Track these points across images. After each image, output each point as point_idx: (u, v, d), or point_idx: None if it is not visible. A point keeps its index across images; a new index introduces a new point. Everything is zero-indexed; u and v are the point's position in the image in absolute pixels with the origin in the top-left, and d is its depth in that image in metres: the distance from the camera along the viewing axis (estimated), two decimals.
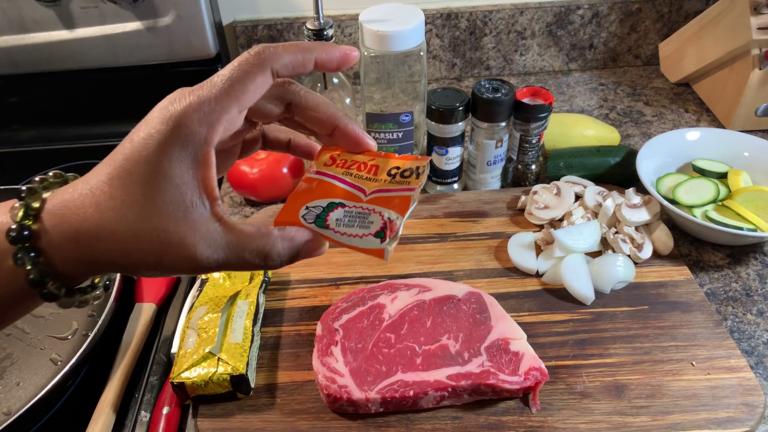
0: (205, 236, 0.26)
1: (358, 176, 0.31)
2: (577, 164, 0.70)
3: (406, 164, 0.31)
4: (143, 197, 0.25)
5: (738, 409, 0.47)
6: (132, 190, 0.25)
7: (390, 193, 0.29)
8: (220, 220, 0.27)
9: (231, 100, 0.27)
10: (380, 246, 0.28)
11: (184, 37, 0.79)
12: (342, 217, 0.29)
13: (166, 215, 0.25)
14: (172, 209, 0.25)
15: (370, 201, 0.29)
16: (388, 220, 0.28)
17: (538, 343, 0.52)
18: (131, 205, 0.25)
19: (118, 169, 0.26)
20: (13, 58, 0.80)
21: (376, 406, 0.48)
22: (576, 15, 0.90)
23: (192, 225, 0.26)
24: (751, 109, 0.78)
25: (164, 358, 0.55)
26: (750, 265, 0.62)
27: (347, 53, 0.30)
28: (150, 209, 0.25)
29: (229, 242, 0.27)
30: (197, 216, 0.26)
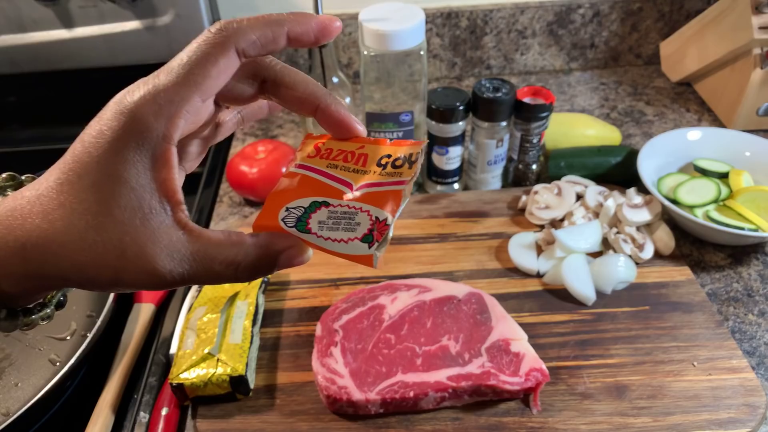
0: (167, 246, 0.23)
1: (345, 168, 0.27)
2: (578, 164, 0.70)
3: (399, 152, 0.27)
4: (96, 204, 0.22)
5: (739, 410, 0.47)
6: (83, 197, 0.22)
7: (380, 187, 0.26)
8: (184, 227, 0.23)
9: (191, 88, 0.23)
10: (368, 252, 0.24)
11: (183, 37, 0.79)
12: (325, 219, 0.25)
13: (121, 224, 0.22)
14: (129, 217, 0.22)
15: (358, 198, 0.26)
16: (376, 220, 0.25)
17: (538, 344, 0.52)
18: (82, 213, 0.22)
19: (67, 172, 0.23)
20: (12, 58, 0.80)
21: (376, 407, 0.48)
22: (577, 14, 0.90)
23: (151, 234, 0.22)
24: (752, 108, 0.78)
25: (163, 359, 0.55)
26: (751, 266, 0.62)
27: (326, 23, 0.25)
28: (104, 217, 0.22)
29: (195, 252, 0.23)
30: (157, 224, 0.22)
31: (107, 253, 0.22)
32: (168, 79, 0.23)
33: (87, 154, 0.23)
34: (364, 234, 0.25)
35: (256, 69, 0.27)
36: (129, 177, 0.22)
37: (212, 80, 0.24)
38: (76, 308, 0.60)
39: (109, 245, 0.22)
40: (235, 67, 0.25)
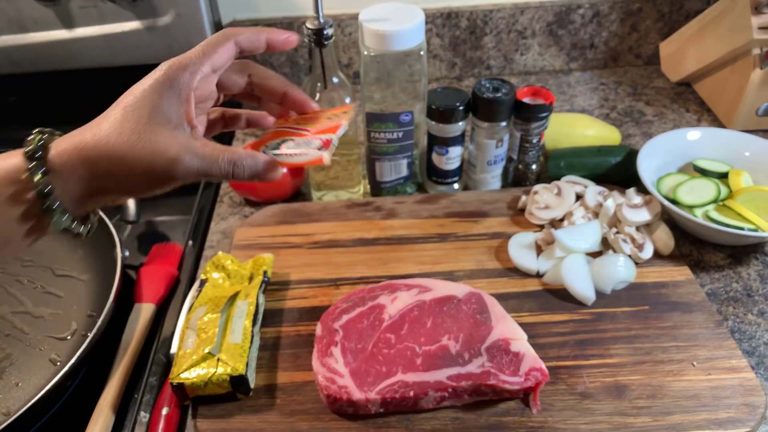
0: (188, 149, 0.33)
1: (303, 123, 0.41)
2: (578, 164, 0.70)
3: (338, 111, 0.42)
4: (139, 122, 0.32)
5: (739, 410, 0.47)
6: (131, 117, 0.33)
7: (326, 126, 0.39)
8: (198, 139, 0.35)
9: (206, 57, 0.36)
10: (319, 154, 0.37)
11: (183, 37, 0.79)
12: (292, 146, 0.38)
13: (157, 133, 0.32)
14: (162, 128, 0.33)
15: (312, 133, 0.39)
16: (326, 139, 0.38)
17: (538, 344, 0.52)
18: (131, 128, 0.32)
19: (125, 103, 0.34)
20: (12, 58, 0.80)
21: (376, 407, 0.48)
22: (577, 14, 0.90)
23: (177, 140, 0.33)
24: (752, 108, 0.78)
25: (163, 359, 0.55)
26: (751, 266, 0.62)
27: (288, 38, 0.39)
28: (144, 129, 0.32)
29: (206, 153, 0.34)
30: (180, 135, 0.34)
31: (144, 150, 0.32)
32: (192, 53, 0.36)
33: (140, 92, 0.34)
34: (318, 147, 0.38)
35: (245, 67, 0.41)
36: (164, 105, 0.33)
37: (219, 55, 0.37)
38: (77, 308, 0.61)
39: (147, 144, 0.32)
40: (233, 51, 0.37)
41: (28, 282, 0.63)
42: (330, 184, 0.71)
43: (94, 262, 0.64)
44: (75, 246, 0.66)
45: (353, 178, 0.71)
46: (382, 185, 0.71)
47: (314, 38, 0.58)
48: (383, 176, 0.70)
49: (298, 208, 0.69)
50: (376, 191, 0.72)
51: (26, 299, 0.62)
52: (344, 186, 0.72)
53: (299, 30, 0.89)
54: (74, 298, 0.62)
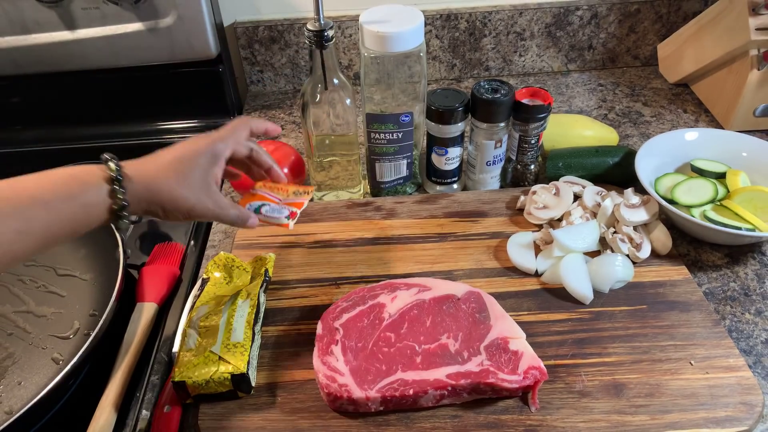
0: (215, 201, 0.48)
1: (276, 192, 0.56)
2: (576, 164, 0.71)
3: (301, 189, 0.57)
4: (193, 180, 0.47)
5: (736, 408, 0.48)
6: (182, 170, 0.46)
7: (293, 201, 0.55)
8: (219, 194, 0.49)
9: (234, 137, 0.51)
10: (286, 222, 0.53)
11: (185, 38, 0.80)
12: (268, 209, 0.53)
13: (201, 190, 0.47)
14: (204, 186, 0.47)
15: (283, 203, 0.55)
16: (292, 211, 0.54)
17: (537, 343, 0.52)
18: (188, 184, 0.46)
19: (176, 157, 0.47)
20: (15, 59, 0.81)
21: (376, 405, 0.48)
22: (575, 16, 0.91)
23: (210, 194, 0.48)
24: (749, 109, 0.78)
25: (165, 358, 0.55)
26: (748, 265, 0.63)
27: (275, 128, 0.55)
28: (195, 186, 0.47)
29: (223, 205, 0.49)
30: (212, 190, 0.48)
31: (191, 199, 0.46)
32: (225, 132, 0.51)
33: (189, 152, 0.47)
34: (285, 215, 0.53)
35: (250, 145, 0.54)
36: (207, 171, 0.48)
37: (241, 138, 0.52)
38: (79, 307, 0.61)
39: (193, 196, 0.47)
40: (248, 134, 0.53)
41: (31, 281, 0.64)
42: (330, 185, 0.72)
43: (96, 261, 0.64)
44: (77, 245, 0.66)
45: (353, 179, 0.72)
46: (382, 185, 0.71)
47: (315, 40, 0.58)
48: (383, 176, 0.70)
49: None
50: (376, 191, 0.73)
51: (29, 298, 0.62)
52: (344, 186, 0.72)
53: (300, 32, 0.89)
54: (76, 297, 0.62)
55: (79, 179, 0.42)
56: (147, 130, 0.89)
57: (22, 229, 0.38)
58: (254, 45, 0.91)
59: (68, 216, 0.40)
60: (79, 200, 0.41)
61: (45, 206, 0.39)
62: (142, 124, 0.89)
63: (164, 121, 0.89)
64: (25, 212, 0.38)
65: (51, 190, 0.40)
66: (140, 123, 0.89)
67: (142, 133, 0.88)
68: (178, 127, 0.89)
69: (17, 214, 0.38)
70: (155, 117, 0.89)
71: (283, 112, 0.91)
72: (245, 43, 0.90)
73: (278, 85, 0.96)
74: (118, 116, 0.89)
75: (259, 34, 0.90)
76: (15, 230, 0.38)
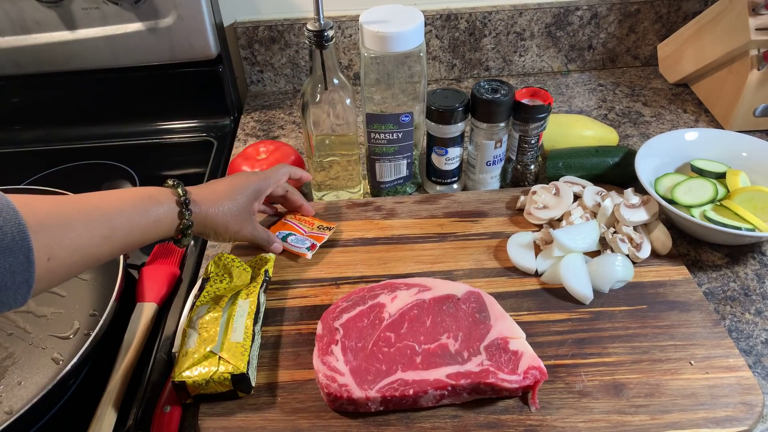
0: (253, 228, 0.59)
1: (302, 224, 0.66)
2: (576, 164, 0.71)
3: (324, 224, 0.66)
4: (240, 212, 0.57)
5: (736, 408, 0.48)
6: (234, 198, 0.56)
7: (315, 234, 0.64)
8: (256, 221, 0.60)
9: (277, 181, 0.62)
10: (305, 252, 0.62)
11: (185, 38, 0.80)
12: (293, 239, 0.63)
13: (246, 220, 0.58)
14: (248, 217, 0.58)
15: (306, 235, 0.64)
16: (312, 243, 0.63)
17: (537, 343, 0.52)
18: (235, 214, 0.56)
19: (231, 187, 0.57)
20: (15, 59, 0.81)
21: (376, 405, 0.48)
22: (575, 16, 0.91)
23: (250, 223, 0.59)
24: (749, 109, 0.79)
25: (165, 357, 0.55)
26: (748, 265, 0.63)
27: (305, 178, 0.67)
28: (241, 217, 0.57)
29: (258, 229, 0.60)
30: (252, 220, 0.59)
31: (237, 227, 0.57)
32: (271, 175, 0.61)
33: (240, 185, 0.57)
34: (307, 246, 0.63)
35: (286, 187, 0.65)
36: (251, 206, 0.58)
37: (282, 181, 0.62)
38: (79, 307, 0.61)
39: (238, 224, 0.57)
40: (287, 179, 0.63)
41: None
42: (330, 185, 0.72)
43: None
44: None
45: (353, 179, 0.72)
46: (382, 185, 0.71)
47: (315, 40, 0.58)
48: (383, 176, 0.70)
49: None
50: (376, 191, 0.73)
51: None
52: (344, 186, 0.72)
53: (300, 32, 0.89)
54: (77, 297, 0.62)
55: (154, 199, 0.49)
56: (147, 130, 0.89)
57: (108, 234, 0.44)
58: (254, 45, 0.91)
59: (143, 228, 0.47)
60: (152, 216, 0.48)
61: (127, 219, 0.46)
62: (142, 124, 0.89)
63: (164, 121, 0.90)
64: (111, 221, 0.44)
65: (131, 205, 0.47)
66: (140, 123, 0.89)
67: (142, 133, 0.88)
68: (178, 127, 0.89)
69: (105, 222, 0.44)
70: (155, 117, 0.89)
71: (283, 112, 0.91)
72: (245, 43, 0.90)
73: (278, 85, 0.96)
74: (118, 116, 0.89)
75: (259, 34, 0.90)
76: (102, 235, 0.43)
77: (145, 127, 0.89)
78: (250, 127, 0.89)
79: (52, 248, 0.39)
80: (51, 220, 0.40)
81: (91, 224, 0.43)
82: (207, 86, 0.87)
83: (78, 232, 0.42)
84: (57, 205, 0.42)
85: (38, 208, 0.40)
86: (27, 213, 0.38)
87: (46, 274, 0.39)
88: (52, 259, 0.39)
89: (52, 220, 0.40)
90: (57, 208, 0.42)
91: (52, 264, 0.40)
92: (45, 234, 0.39)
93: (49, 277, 0.40)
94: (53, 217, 0.40)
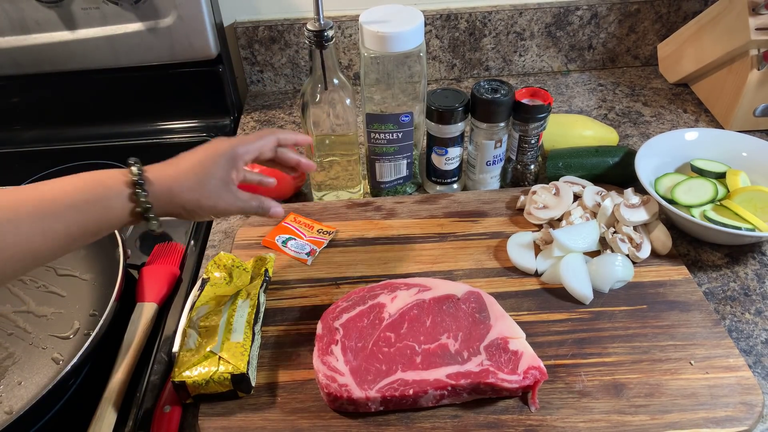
0: (233, 195, 0.51)
1: (304, 229, 0.65)
2: (576, 164, 0.71)
3: (325, 228, 0.66)
4: (206, 176, 0.49)
5: (736, 408, 0.48)
6: (202, 172, 0.49)
7: (315, 239, 0.64)
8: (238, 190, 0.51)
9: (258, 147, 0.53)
10: (305, 257, 0.62)
11: (185, 38, 0.80)
12: (293, 243, 0.64)
13: (217, 187, 0.49)
14: (219, 184, 0.49)
15: (306, 240, 0.64)
16: (312, 249, 0.63)
17: (537, 343, 0.52)
18: (200, 180, 0.48)
19: (198, 161, 0.49)
20: (15, 59, 0.81)
21: (376, 405, 0.48)
22: (575, 16, 0.91)
23: (229, 193, 0.50)
24: (749, 109, 0.79)
25: (165, 358, 0.55)
26: (748, 265, 0.63)
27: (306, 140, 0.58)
28: (208, 183, 0.49)
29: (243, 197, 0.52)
30: (227, 190, 0.50)
31: (203, 198, 0.48)
32: (251, 139, 0.53)
33: (208, 157, 0.49)
34: (306, 252, 0.63)
35: None
36: (225, 174, 0.50)
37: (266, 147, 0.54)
38: (79, 307, 0.61)
39: (208, 193, 0.49)
40: (275, 145, 0.55)
41: (31, 281, 0.64)
42: (330, 185, 0.72)
43: (96, 261, 0.64)
44: None
45: (353, 179, 0.72)
46: (382, 185, 0.71)
47: (315, 40, 0.58)
48: (383, 176, 0.70)
49: (298, 208, 0.69)
50: (376, 191, 0.73)
51: (29, 298, 0.62)
52: (344, 186, 0.72)
53: (300, 32, 0.89)
54: (77, 297, 0.62)
55: (101, 183, 0.44)
56: (147, 130, 0.89)
57: (45, 230, 0.40)
58: (254, 45, 0.91)
59: (91, 218, 0.42)
60: (101, 203, 0.43)
61: (67, 209, 0.41)
62: (142, 124, 0.89)
63: (164, 121, 0.89)
64: (47, 214, 0.40)
65: (73, 194, 0.42)
66: (140, 123, 0.89)
67: (142, 133, 0.88)
68: (178, 127, 0.89)
69: (40, 216, 0.39)
70: (155, 117, 0.89)
71: (283, 112, 0.91)
72: (245, 43, 0.90)
73: (278, 85, 0.96)
74: (118, 116, 0.89)
75: (259, 34, 0.90)
76: (38, 231, 0.39)
77: (145, 127, 0.89)
78: (250, 127, 0.89)
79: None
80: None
81: (21, 220, 0.38)
82: (207, 86, 0.87)
83: (4, 229, 0.38)
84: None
85: None
86: None
87: None
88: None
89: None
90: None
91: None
92: None
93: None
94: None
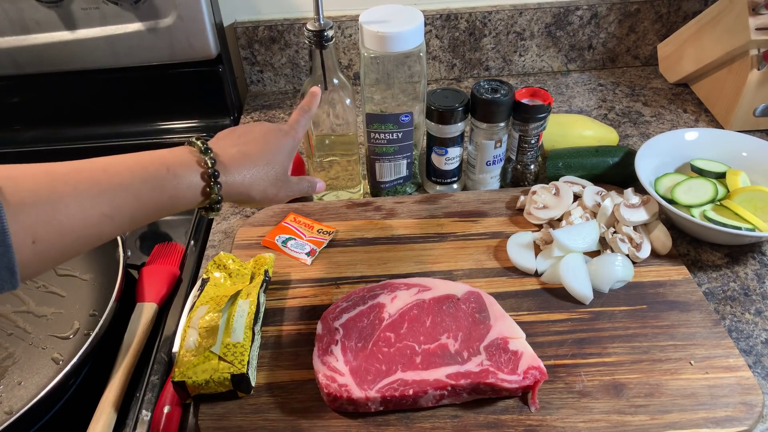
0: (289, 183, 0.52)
1: (304, 229, 0.65)
2: (576, 164, 0.71)
3: (325, 227, 0.66)
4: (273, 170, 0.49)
5: (736, 408, 0.48)
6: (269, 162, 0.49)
7: (315, 239, 0.64)
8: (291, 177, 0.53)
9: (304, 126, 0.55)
10: (305, 258, 0.62)
11: (185, 38, 0.80)
12: (293, 243, 0.64)
13: (282, 175, 0.50)
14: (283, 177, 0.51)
15: (306, 240, 0.64)
16: (311, 249, 0.63)
17: (537, 343, 0.52)
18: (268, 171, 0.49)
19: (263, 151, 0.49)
20: (15, 59, 0.81)
21: (376, 405, 0.48)
22: (575, 16, 0.91)
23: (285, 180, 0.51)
24: (749, 109, 0.78)
25: (165, 358, 0.55)
26: (748, 265, 0.63)
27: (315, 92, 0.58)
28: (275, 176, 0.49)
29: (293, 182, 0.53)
30: (287, 179, 0.51)
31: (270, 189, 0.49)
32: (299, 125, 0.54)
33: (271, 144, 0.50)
34: (306, 252, 0.63)
35: None
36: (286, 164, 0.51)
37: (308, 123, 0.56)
38: (79, 307, 0.61)
39: (272, 187, 0.49)
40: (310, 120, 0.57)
41: (31, 281, 0.64)
42: (330, 184, 0.72)
43: (96, 261, 0.64)
44: None
45: (353, 179, 0.72)
46: (382, 185, 0.71)
47: (315, 40, 0.58)
48: (383, 176, 0.70)
49: (298, 208, 0.69)
50: (375, 191, 0.73)
51: (29, 298, 0.62)
52: (344, 186, 0.72)
53: (300, 32, 0.89)
54: (76, 297, 0.62)
55: (172, 171, 0.42)
56: (147, 130, 0.89)
57: (109, 213, 0.38)
58: (254, 45, 0.91)
59: (155, 205, 0.41)
60: (168, 192, 0.42)
61: (134, 195, 0.40)
62: (142, 124, 0.89)
63: (164, 121, 0.89)
64: (113, 198, 0.38)
65: (141, 178, 0.40)
66: (140, 123, 0.89)
67: (142, 133, 0.88)
68: (178, 127, 0.89)
69: (107, 199, 0.38)
70: (155, 117, 0.89)
71: (283, 112, 0.91)
72: (245, 43, 0.90)
73: (278, 85, 0.96)
74: (118, 116, 0.89)
75: (259, 34, 0.90)
76: (103, 213, 0.38)
77: (145, 127, 0.89)
78: None
79: (37, 230, 0.34)
80: (36, 197, 0.35)
81: (86, 202, 0.37)
82: (207, 86, 0.87)
83: (70, 211, 0.36)
84: (47, 179, 0.36)
85: (22, 183, 0.35)
86: (8, 188, 0.34)
87: (34, 258, 0.34)
88: (39, 241, 0.34)
89: (37, 197, 0.35)
90: (46, 182, 0.36)
91: (40, 247, 0.34)
92: (27, 214, 0.34)
93: (38, 260, 0.35)
94: (39, 194, 0.35)
